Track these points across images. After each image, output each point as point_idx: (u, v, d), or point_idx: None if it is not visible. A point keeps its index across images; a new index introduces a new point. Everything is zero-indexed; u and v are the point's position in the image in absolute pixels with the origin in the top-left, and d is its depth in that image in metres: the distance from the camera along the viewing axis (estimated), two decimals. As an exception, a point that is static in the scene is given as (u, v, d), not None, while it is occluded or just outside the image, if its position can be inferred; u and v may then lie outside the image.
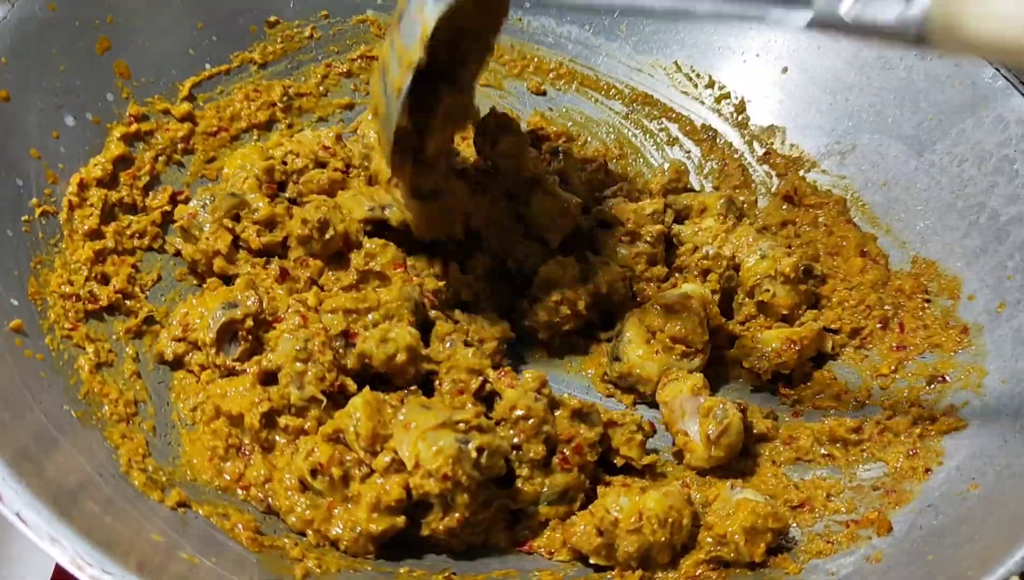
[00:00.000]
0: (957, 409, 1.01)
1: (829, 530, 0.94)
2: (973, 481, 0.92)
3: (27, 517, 0.71)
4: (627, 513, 0.89)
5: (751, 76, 1.29)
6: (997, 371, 1.01)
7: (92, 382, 0.91)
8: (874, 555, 0.89)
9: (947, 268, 1.11)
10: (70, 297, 0.94)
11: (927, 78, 1.17)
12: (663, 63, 1.32)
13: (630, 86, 1.32)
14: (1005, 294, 1.04)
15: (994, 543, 0.82)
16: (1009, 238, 1.06)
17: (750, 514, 0.89)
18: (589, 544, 0.89)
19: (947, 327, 1.07)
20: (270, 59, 1.21)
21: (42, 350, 0.89)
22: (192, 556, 0.80)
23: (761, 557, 0.90)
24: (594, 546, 0.89)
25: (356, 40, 1.27)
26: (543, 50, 1.33)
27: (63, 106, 1.02)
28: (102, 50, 1.07)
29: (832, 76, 1.24)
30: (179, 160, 1.12)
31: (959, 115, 1.14)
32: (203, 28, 1.16)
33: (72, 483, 0.79)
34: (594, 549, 0.89)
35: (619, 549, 0.89)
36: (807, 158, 1.25)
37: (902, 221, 1.17)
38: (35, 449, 0.79)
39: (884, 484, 0.97)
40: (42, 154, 0.98)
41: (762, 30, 1.27)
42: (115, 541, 0.75)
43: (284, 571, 0.84)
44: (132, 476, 0.86)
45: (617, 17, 1.32)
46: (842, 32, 0.74)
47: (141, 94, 1.10)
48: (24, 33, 1.00)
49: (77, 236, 0.99)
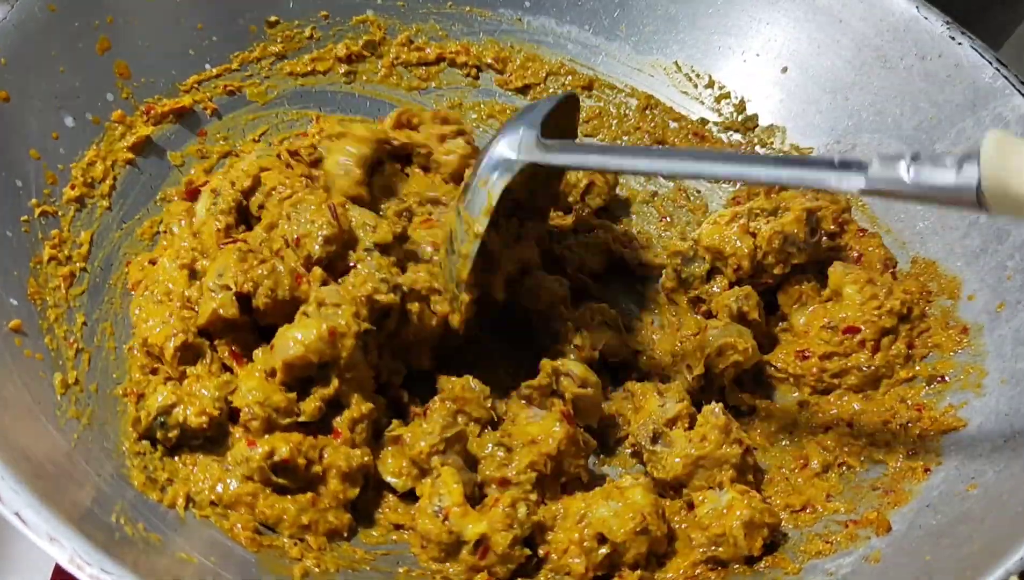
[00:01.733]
0: (957, 409, 1.01)
1: (828, 530, 0.94)
2: (972, 481, 0.92)
3: (27, 517, 0.71)
4: (623, 516, 0.89)
5: (751, 76, 1.29)
6: (997, 371, 1.01)
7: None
8: (873, 555, 0.89)
9: (947, 268, 1.11)
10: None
11: (927, 78, 1.17)
12: (663, 63, 1.32)
13: (630, 86, 1.32)
14: (1005, 294, 1.04)
15: (993, 543, 0.81)
16: (1009, 238, 1.06)
17: (747, 508, 0.90)
18: (594, 557, 0.89)
19: (947, 327, 1.07)
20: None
21: (42, 350, 0.89)
22: (191, 556, 0.80)
23: (759, 551, 0.90)
24: (599, 559, 0.89)
25: (355, 40, 1.27)
26: (543, 50, 1.33)
27: (63, 107, 1.02)
28: (102, 51, 1.07)
29: (832, 76, 1.24)
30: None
31: (959, 114, 1.13)
32: (203, 28, 1.17)
33: (72, 483, 0.79)
34: (598, 562, 0.89)
35: (629, 552, 0.89)
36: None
37: (902, 221, 1.17)
38: (35, 449, 0.79)
39: (883, 484, 0.97)
40: (42, 155, 0.99)
41: (762, 30, 1.27)
42: (115, 541, 0.75)
43: (283, 571, 0.84)
44: (132, 476, 0.86)
45: (617, 17, 1.32)
46: (899, 197, 0.77)
47: (141, 94, 1.10)
48: (24, 34, 1.00)
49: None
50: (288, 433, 0.91)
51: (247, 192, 1.07)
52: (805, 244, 1.10)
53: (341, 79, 1.26)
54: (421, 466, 0.93)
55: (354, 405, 0.95)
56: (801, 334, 1.10)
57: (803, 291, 1.11)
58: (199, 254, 1.02)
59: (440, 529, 0.87)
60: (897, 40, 1.19)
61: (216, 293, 0.95)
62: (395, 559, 0.91)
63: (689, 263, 1.11)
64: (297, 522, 0.89)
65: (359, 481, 0.93)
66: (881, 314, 1.05)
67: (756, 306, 1.08)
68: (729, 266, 1.10)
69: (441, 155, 1.16)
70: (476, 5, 1.31)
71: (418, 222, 1.10)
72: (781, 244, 1.09)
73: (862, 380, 1.05)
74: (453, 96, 1.31)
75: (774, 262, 1.10)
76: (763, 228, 1.10)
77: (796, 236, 1.09)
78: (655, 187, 1.30)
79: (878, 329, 1.05)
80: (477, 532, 0.87)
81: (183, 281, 0.98)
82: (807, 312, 1.11)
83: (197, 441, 0.93)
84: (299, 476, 0.90)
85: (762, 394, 1.09)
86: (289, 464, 0.89)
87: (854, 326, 1.05)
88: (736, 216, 1.11)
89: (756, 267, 1.10)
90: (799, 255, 1.10)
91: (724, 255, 1.10)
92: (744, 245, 1.09)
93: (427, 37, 1.30)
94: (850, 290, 1.07)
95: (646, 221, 1.29)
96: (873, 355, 1.05)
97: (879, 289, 1.07)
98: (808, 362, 1.07)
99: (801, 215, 1.09)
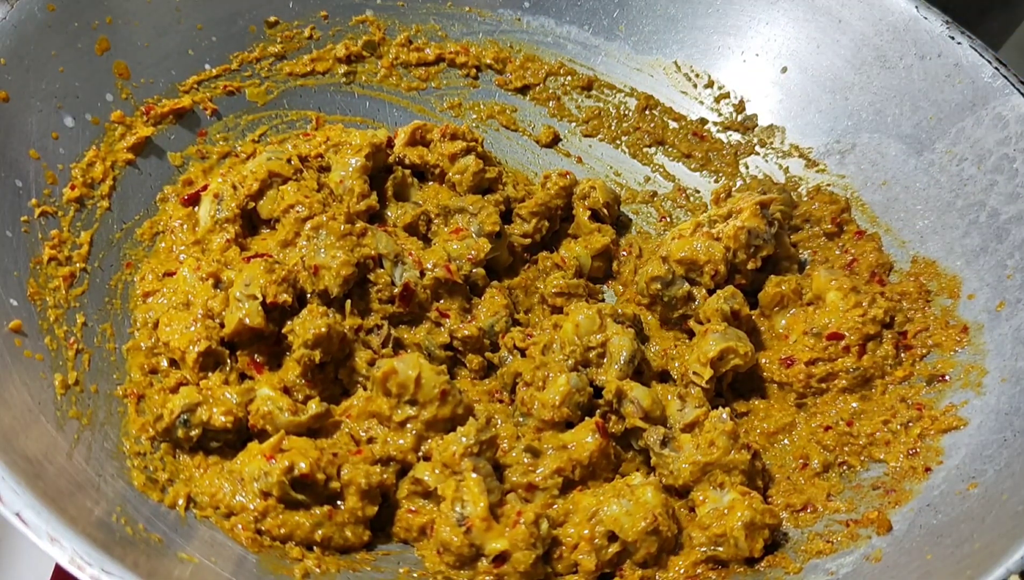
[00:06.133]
0: (957, 408, 1.01)
1: (829, 529, 0.94)
2: (973, 480, 0.92)
3: (27, 517, 0.71)
4: (635, 515, 0.89)
5: (750, 76, 1.29)
6: (997, 370, 1.01)
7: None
8: (874, 554, 0.89)
9: (947, 267, 1.11)
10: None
11: (927, 77, 1.17)
12: (663, 63, 1.32)
13: (630, 86, 1.32)
14: (1005, 293, 1.04)
15: (994, 542, 0.81)
16: (1009, 237, 1.06)
17: (747, 509, 0.90)
18: (604, 555, 0.89)
19: (947, 326, 1.07)
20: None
21: (42, 350, 0.89)
22: (192, 556, 0.80)
23: (759, 552, 0.90)
24: (608, 556, 0.89)
25: (355, 41, 1.27)
26: (543, 50, 1.33)
27: (63, 107, 1.02)
28: (101, 51, 1.07)
29: (832, 76, 1.24)
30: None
31: (958, 114, 1.13)
32: (203, 28, 1.17)
33: (71, 483, 0.79)
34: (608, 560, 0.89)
35: (639, 552, 0.89)
36: (807, 157, 1.25)
37: (902, 220, 1.17)
38: (35, 449, 0.79)
39: (884, 483, 0.97)
40: (41, 155, 0.99)
41: (761, 29, 1.27)
42: (115, 541, 0.75)
43: (284, 571, 0.84)
44: (132, 476, 0.86)
45: (616, 17, 1.32)
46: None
47: (141, 94, 1.10)
48: (23, 34, 1.00)
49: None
50: (306, 448, 0.91)
51: (254, 195, 1.07)
52: (768, 234, 1.12)
53: (341, 79, 1.26)
54: (452, 468, 0.92)
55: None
56: (781, 337, 1.11)
57: (784, 294, 1.12)
58: (222, 265, 1.02)
59: (461, 541, 0.87)
60: (897, 40, 1.19)
61: (243, 302, 0.95)
62: (396, 559, 0.91)
63: (669, 286, 1.12)
64: (310, 538, 0.88)
65: (377, 499, 0.92)
66: (865, 322, 1.06)
67: (744, 302, 1.09)
68: (706, 274, 1.11)
69: (454, 174, 1.18)
70: (476, 5, 1.31)
71: (447, 233, 1.13)
72: (747, 238, 1.11)
73: (851, 382, 1.06)
74: (453, 96, 1.31)
75: (745, 258, 1.11)
76: (725, 230, 1.12)
77: (758, 229, 1.11)
78: (655, 187, 1.30)
79: (862, 335, 1.06)
80: (499, 549, 0.86)
81: (206, 291, 0.98)
82: (788, 314, 1.12)
83: (216, 443, 0.93)
84: (318, 492, 0.89)
85: (757, 395, 1.10)
86: (308, 479, 0.88)
87: (838, 333, 1.06)
88: (698, 226, 1.13)
89: (730, 269, 1.12)
90: (766, 246, 1.12)
91: (699, 264, 1.11)
92: (716, 250, 1.10)
93: (427, 37, 1.30)
94: (834, 296, 1.08)
95: (646, 221, 1.29)
96: (859, 358, 1.05)
97: (863, 297, 1.07)
98: (794, 369, 1.07)
99: (755, 209, 1.11)
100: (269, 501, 0.88)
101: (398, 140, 1.19)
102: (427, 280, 1.07)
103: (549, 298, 1.15)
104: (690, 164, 1.31)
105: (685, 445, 0.96)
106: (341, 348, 0.99)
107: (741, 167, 1.29)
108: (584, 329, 1.03)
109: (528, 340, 1.07)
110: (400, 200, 1.16)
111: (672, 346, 1.11)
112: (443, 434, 0.94)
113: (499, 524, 0.87)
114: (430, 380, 0.93)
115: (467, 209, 1.13)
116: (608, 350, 1.02)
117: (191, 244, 1.06)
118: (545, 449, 0.95)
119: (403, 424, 0.94)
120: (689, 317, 1.12)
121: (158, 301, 1.01)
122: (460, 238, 1.12)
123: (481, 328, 1.08)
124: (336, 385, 1.01)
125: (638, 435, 0.99)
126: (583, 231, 1.22)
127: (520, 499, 0.91)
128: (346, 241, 1.03)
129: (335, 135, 1.15)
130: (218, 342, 0.96)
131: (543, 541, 0.88)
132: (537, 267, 1.20)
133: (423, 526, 0.91)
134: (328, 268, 1.01)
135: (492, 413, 1.00)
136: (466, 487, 0.88)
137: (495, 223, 1.13)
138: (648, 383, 1.05)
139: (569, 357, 1.02)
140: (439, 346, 1.06)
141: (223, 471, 0.91)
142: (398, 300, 1.05)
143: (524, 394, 1.01)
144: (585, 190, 1.22)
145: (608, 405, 1.00)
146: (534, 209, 1.19)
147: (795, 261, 1.18)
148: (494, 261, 1.16)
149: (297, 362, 0.96)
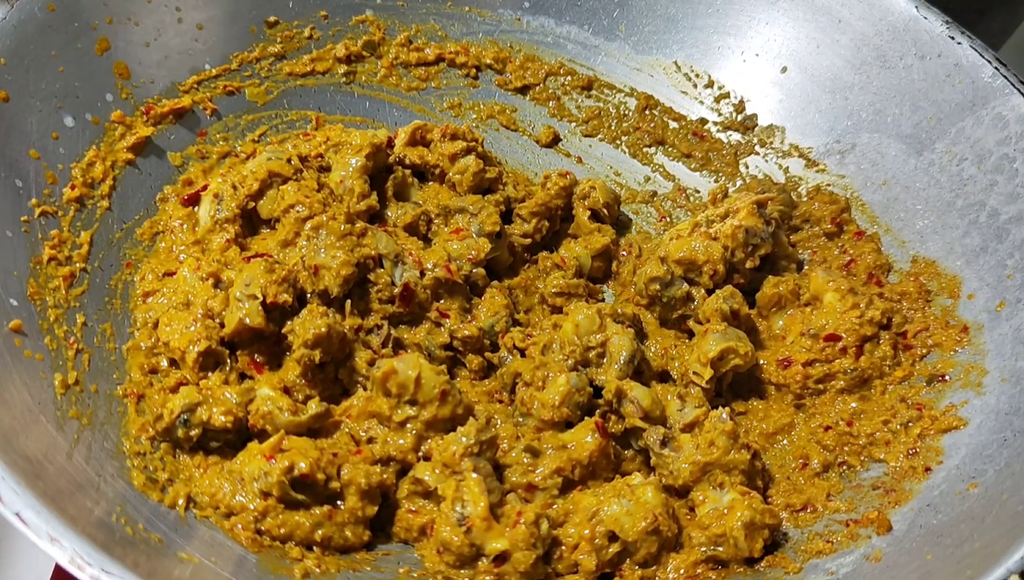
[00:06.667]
0: (957, 408, 1.01)
1: (829, 529, 0.94)
2: (973, 480, 0.92)
3: (27, 517, 0.71)
4: (635, 515, 0.89)
5: (750, 76, 1.29)
6: (997, 370, 1.01)
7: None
8: (874, 554, 0.89)
9: (947, 267, 1.11)
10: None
11: (927, 77, 1.17)
12: (663, 63, 1.32)
13: (630, 86, 1.32)
14: (1005, 293, 1.04)
15: (994, 542, 0.81)
16: (1009, 236, 1.06)
17: (747, 509, 0.90)
18: (604, 555, 0.89)
19: (947, 326, 1.07)
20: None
21: (42, 350, 0.89)
22: (192, 556, 0.80)
23: (759, 552, 0.90)
24: (608, 556, 0.89)
25: (355, 41, 1.27)
26: (542, 50, 1.33)
27: (63, 107, 1.02)
28: (101, 51, 1.07)
29: (832, 76, 1.24)
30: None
31: (958, 114, 1.13)
32: (203, 28, 1.17)
33: (71, 483, 0.79)
34: (608, 559, 0.89)
35: (639, 552, 0.89)
36: (807, 157, 1.25)
37: (902, 220, 1.17)
38: (35, 449, 0.79)
39: (884, 483, 0.97)
40: (41, 155, 0.99)
41: (761, 29, 1.27)
42: (115, 541, 0.75)
43: (284, 571, 0.84)
44: (132, 476, 0.86)
45: (616, 17, 1.32)
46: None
47: (141, 94, 1.10)
48: (24, 34, 1.00)
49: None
50: (306, 447, 0.91)
51: (254, 195, 1.07)
52: (766, 233, 1.12)
53: (341, 79, 1.26)
54: (453, 468, 0.92)
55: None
56: (779, 338, 1.11)
57: (781, 295, 1.12)
58: (222, 265, 1.02)
59: (462, 541, 0.87)
60: (897, 40, 1.19)
61: (244, 302, 0.95)
62: (396, 559, 0.91)
63: (668, 287, 1.12)
64: (310, 538, 0.88)
65: (377, 499, 0.92)
66: (862, 323, 1.06)
67: (743, 302, 1.09)
68: (705, 274, 1.11)
69: (454, 174, 1.18)
70: (476, 5, 1.31)
71: (448, 233, 1.13)
72: (745, 237, 1.11)
73: (849, 383, 1.06)
74: (453, 96, 1.31)
75: (743, 257, 1.12)
76: (723, 229, 1.12)
77: (756, 227, 1.11)
78: (655, 187, 1.30)
79: (859, 337, 1.06)
80: (499, 549, 0.86)
81: (206, 291, 0.99)
82: (785, 315, 1.12)
83: (216, 443, 0.93)
84: (318, 492, 0.89)
85: (755, 396, 1.10)
86: (309, 479, 0.88)
87: (835, 334, 1.06)
88: (696, 226, 1.13)
89: (728, 268, 1.12)
90: (764, 245, 1.12)
91: (698, 264, 1.11)
92: (714, 249, 1.10)
93: (426, 37, 1.30)
94: (831, 297, 1.08)
95: (646, 221, 1.29)
96: (857, 360, 1.06)
97: (861, 298, 1.07)
98: (791, 370, 1.07)
99: (752, 208, 1.11)
100: (269, 501, 0.87)
101: (398, 140, 1.19)
102: (427, 280, 1.07)
103: (549, 298, 1.15)
104: (690, 164, 1.31)
105: (685, 445, 0.96)
106: (341, 348, 0.99)
107: (741, 167, 1.29)
108: (584, 329, 1.03)
109: (528, 340, 1.07)
110: (400, 200, 1.16)
111: (672, 346, 1.11)
112: (443, 434, 0.94)
113: (499, 524, 0.88)
114: (430, 380, 0.93)
115: (467, 209, 1.13)
116: (608, 350, 1.02)
117: (191, 244, 1.06)
118: (545, 449, 0.95)
119: (403, 424, 0.94)
120: (688, 317, 1.12)
121: (158, 301, 1.01)
122: (460, 238, 1.12)
123: (481, 328, 1.08)
124: (336, 385, 1.01)
125: (638, 435, 0.99)
126: (583, 231, 1.22)
127: (520, 499, 0.91)
128: (346, 241, 1.03)
129: (335, 135, 1.16)
130: (218, 342, 0.96)
131: (543, 541, 0.88)
132: (537, 267, 1.20)
133: (423, 526, 0.91)
134: (328, 268, 1.01)
135: (492, 413, 1.00)
136: (466, 487, 0.88)
137: (495, 223, 1.13)
138: (648, 383, 1.05)
139: (569, 357, 1.02)
140: (439, 346, 1.06)
141: (223, 471, 0.91)
142: (398, 300, 1.05)
143: (524, 394, 1.01)
144: (585, 190, 1.22)
145: (608, 405, 1.00)
146: (534, 209, 1.19)
147: (793, 261, 1.18)
148: (494, 261, 1.16)
149: (297, 362, 0.96)
